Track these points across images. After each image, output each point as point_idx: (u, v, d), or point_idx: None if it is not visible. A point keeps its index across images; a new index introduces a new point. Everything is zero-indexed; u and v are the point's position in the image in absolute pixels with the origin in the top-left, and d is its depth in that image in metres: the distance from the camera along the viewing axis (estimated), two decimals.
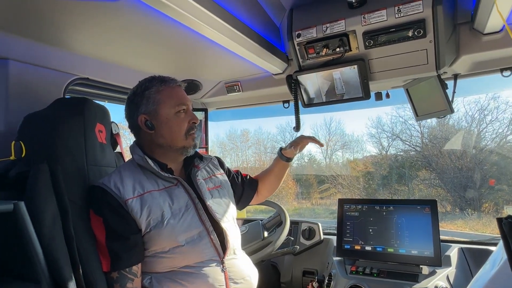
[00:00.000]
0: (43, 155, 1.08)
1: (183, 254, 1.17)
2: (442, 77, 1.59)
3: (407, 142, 9.04)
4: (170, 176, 1.23)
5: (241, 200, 1.60)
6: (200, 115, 2.30)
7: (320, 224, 2.20)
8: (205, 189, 1.31)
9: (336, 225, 1.93)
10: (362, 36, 1.40)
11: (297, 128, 1.76)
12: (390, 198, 8.07)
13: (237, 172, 1.62)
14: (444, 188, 8.08)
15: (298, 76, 1.64)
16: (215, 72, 1.92)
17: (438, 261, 1.62)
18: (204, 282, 1.16)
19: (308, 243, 2.15)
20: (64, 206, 1.03)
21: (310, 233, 2.16)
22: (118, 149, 1.56)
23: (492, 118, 7.55)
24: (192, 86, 2.03)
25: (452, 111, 1.59)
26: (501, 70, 1.52)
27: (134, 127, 1.29)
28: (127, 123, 1.33)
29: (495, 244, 1.72)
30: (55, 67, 1.41)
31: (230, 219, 1.35)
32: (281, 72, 1.78)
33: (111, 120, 1.46)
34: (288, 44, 1.56)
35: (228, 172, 1.55)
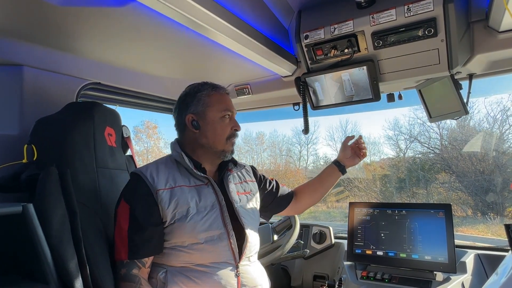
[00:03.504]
0: (53, 158, 1.11)
1: (200, 252, 1.19)
2: (456, 77, 1.54)
3: (425, 144, 8.82)
4: (202, 175, 1.27)
5: (269, 208, 1.60)
6: None
7: (331, 228, 2.17)
8: (235, 193, 1.34)
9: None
10: (371, 37, 1.37)
11: (306, 131, 1.74)
12: (407, 201, 7.87)
13: (273, 179, 1.64)
14: (464, 192, 7.82)
15: (306, 78, 1.63)
16: (225, 75, 1.92)
17: (453, 267, 1.56)
18: (217, 283, 1.17)
19: (319, 247, 2.12)
20: (72, 208, 1.05)
21: (321, 237, 2.14)
22: (129, 153, 1.58)
23: None
24: None
25: (466, 112, 1.54)
26: None
27: (180, 125, 1.35)
28: (144, 126, 1.38)
29: None
30: (67, 72, 1.44)
31: (254, 226, 1.36)
32: (290, 74, 1.77)
33: (122, 123, 1.49)
34: (296, 46, 1.55)
35: (260, 179, 1.57)
